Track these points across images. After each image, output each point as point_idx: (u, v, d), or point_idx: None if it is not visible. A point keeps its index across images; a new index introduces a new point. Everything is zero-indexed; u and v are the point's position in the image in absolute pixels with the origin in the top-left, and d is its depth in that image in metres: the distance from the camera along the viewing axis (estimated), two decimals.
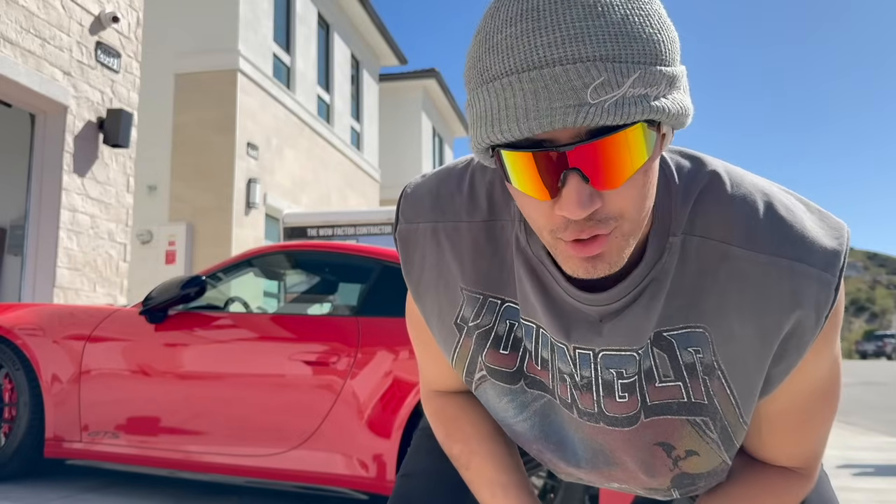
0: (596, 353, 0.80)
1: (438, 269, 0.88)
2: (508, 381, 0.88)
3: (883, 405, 11.25)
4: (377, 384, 3.07)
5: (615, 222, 0.67)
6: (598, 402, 0.83)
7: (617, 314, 0.78)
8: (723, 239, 0.76)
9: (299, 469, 3.14)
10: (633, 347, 0.79)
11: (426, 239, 0.87)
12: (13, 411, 3.61)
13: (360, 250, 3.63)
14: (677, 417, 0.81)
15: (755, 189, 0.78)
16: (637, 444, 0.84)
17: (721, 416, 0.81)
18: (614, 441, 0.85)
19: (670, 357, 0.79)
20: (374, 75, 16.52)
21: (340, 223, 8.38)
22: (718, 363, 0.78)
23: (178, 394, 3.34)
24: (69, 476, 3.78)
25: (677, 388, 0.80)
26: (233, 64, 10.14)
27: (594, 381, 0.82)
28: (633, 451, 0.85)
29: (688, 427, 0.82)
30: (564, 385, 0.84)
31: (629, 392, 0.82)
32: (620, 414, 0.83)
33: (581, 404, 0.85)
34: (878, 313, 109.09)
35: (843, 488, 4.44)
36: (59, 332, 3.62)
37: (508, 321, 0.86)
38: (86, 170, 6.48)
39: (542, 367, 0.86)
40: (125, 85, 7.03)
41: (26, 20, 5.82)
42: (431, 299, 0.90)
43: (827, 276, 0.74)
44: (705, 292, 0.77)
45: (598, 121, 0.60)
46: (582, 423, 0.86)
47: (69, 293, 6.22)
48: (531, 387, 0.87)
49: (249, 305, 3.93)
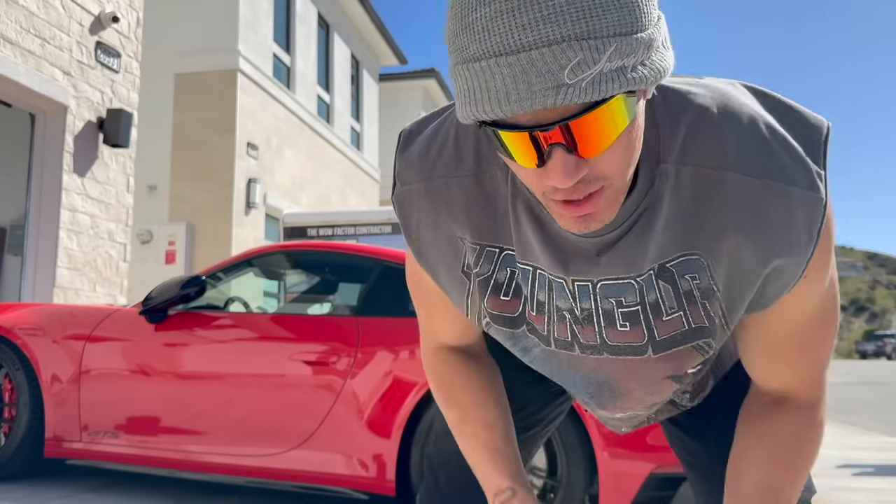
0: (594, 283, 0.82)
1: (435, 226, 0.90)
2: (511, 325, 0.90)
3: (883, 405, 11.25)
4: (377, 384, 3.07)
5: (603, 181, 0.70)
6: (599, 333, 0.86)
7: (613, 245, 0.80)
8: (717, 165, 0.77)
9: (299, 469, 3.14)
10: (630, 275, 0.81)
11: (420, 198, 0.89)
12: (13, 411, 3.61)
13: (360, 250, 3.63)
14: (683, 346, 0.85)
15: (743, 113, 0.79)
16: (647, 376, 0.88)
17: (718, 335, 0.85)
18: (619, 371, 0.88)
19: (673, 288, 0.81)
20: (374, 75, 16.52)
21: (340, 223, 8.38)
22: (717, 286, 0.81)
23: (178, 394, 3.34)
24: (69, 476, 3.78)
25: (679, 319, 0.83)
26: (233, 64, 10.14)
27: (595, 312, 0.84)
28: (643, 381, 0.89)
29: (694, 353, 0.85)
30: (563, 324, 0.87)
31: (631, 322, 0.84)
32: (624, 343, 0.85)
33: (582, 338, 0.87)
34: (878, 313, 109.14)
35: (843, 488, 4.44)
36: (59, 332, 3.62)
37: (508, 268, 0.88)
38: (86, 170, 6.48)
39: (537, 311, 0.88)
40: (125, 85, 7.03)
41: (26, 20, 5.82)
42: (434, 257, 0.92)
43: (814, 194, 0.76)
44: (700, 219, 0.79)
45: (575, 100, 0.62)
46: (584, 358, 0.89)
47: (69, 293, 6.22)
48: (532, 333, 0.90)
49: (249, 305, 3.93)
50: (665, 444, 2.79)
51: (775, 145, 0.77)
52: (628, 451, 2.73)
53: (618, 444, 2.73)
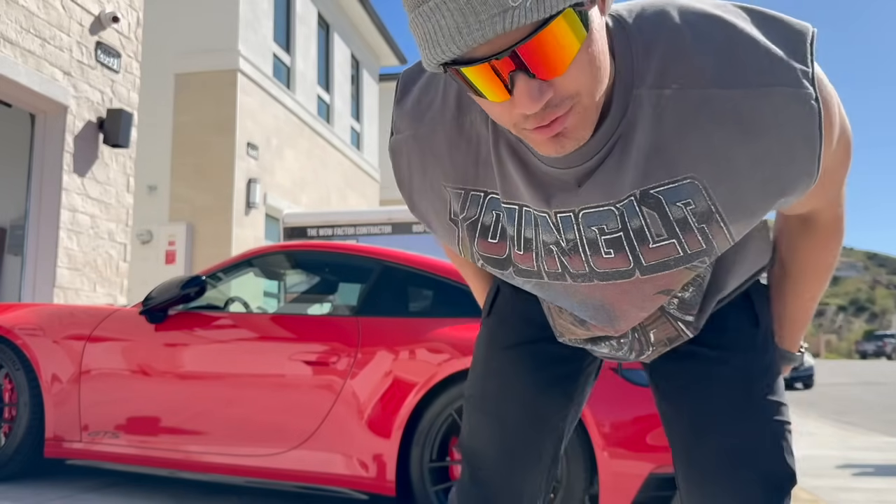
0: (577, 213, 0.84)
1: (423, 172, 0.94)
2: (499, 267, 0.95)
3: (883, 405, 11.25)
4: (377, 384, 3.07)
5: (571, 101, 0.71)
6: (587, 261, 0.88)
7: (591, 174, 0.81)
8: (696, 85, 0.77)
9: (299, 469, 3.14)
10: (609, 202, 0.82)
11: (409, 146, 0.94)
12: (13, 411, 3.61)
13: (360, 250, 3.63)
14: (676, 269, 0.86)
15: (717, 26, 0.78)
16: (637, 295, 0.90)
17: (717, 251, 0.85)
18: (612, 294, 0.91)
19: (660, 215, 0.81)
20: (374, 75, 16.52)
21: (340, 223, 8.38)
22: (716, 207, 0.80)
23: (179, 394, 3.34)
24: (69, 476, 3.78)
25: (672, 246, 0.83)
26: (233, 64, 10.14)
27: (579, 241, 0.86)
28: (634, 300, 0.91)
29: (685, 272, 0.87)
30: (552, 257, 0.90)
31: (615, 248, 0.85)
32: (611, 269, 0.87)
33: (572, 268, 0.90)
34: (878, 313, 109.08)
35: (843, 488, 4.44)
36: (59, 332, 3.62)
37: (494, 212, 0.91)
38: (86, 170, 6.48)
39: (525, 249, 0.90)
40: (125, 85, 7.03)
41: (26, 20, 5.82)
42: (424, 204, 0.97)
43: (802, 91, 0.75)
44: (688, 141, 0.78)
45: (523, 20, 0.62)
46: (577, 285, 0.92)
47: (69, 293, 6.22)
48: (518, 274, 0.94)
49: (249, 305, 3.93)
50: (665, 445, 2.79)
51: (756, 54, 0.76)
52: (628, 451, 2.73)
53: (618, 444, 2.73)
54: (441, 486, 2.96)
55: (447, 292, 3.28)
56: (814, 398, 13.01)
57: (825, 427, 8.26)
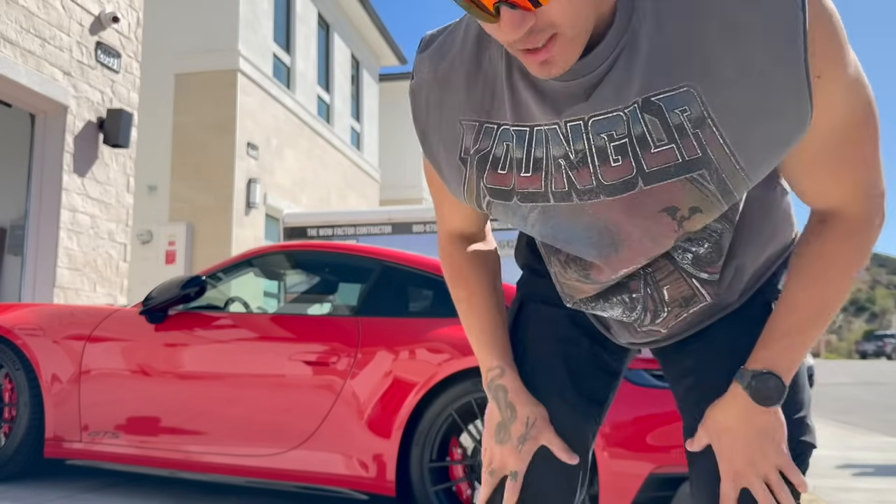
0: (586, 121, 0.85)
1: (440, 108, 0.97)
2: (504, 198, 0.95)
3: (883, 405, 11.25)
4: (377, 384, 3.07)
5: (550, 31, 0.74)
6: (594, 174, 0.87)
7: (599, 83, 0.83)
8: None
9: (299, 469, 3.14)
10: (618, 107, 0.83)
11: (429, 82, 0.97)
12: (13, 411, 3.61)
13: (360, 250, 3.63)
14: (676, 179, 0.84)
15: None
16: (642, 212, 0.88)
17: (716, 166, 0.83)
18: (617, 213, 0.89)
19: (661, 121, 0.83)
20: (374, 75, 16.52)
21: (340, 223, 8.39)
22: (708, 112, 0.81)
23: (179, 394, 3.34)
24: (69, 476, 3.78)
25: (671, 151, 0.83)
26: (233, 64, 10.14)
27: (588, 151, 0.87)
28: (638, 220, 0.88)
29: (688, 185, 0.84)
30: (560, 174, 0.89)
31: (622, 155, 0.85)
32: (618, 179, 0.87)
33: (579, 184, 0.89)
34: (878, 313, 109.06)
35: (843, 488, 4.44)
36: (59, 332, 3.62)
37: (505, 143, 0.92)
38: (86, 170, 6.48)
39: (534, 170, 0.91)
40: (125, 85, 7.04)
41: (26, 20, 5.82)
42: (436, 141, 0.99)
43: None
44: (684, 49, 0.80)
45: None
46: (582, 206, 0.90)
47: (69, 293, 6.22)
48: (523, 200, 0.93)
49: (249, 305, 3.93)
50: (665, 445, 2.79)
51: None
52: (628, 451, 2.73)
53: (618, 444, 2.73)
54: (441, 486, 2.96)
55: (447, 292, 3.28)
56: (814, 398, 12.99)
57: (825, 427, 8.27)
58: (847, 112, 0.84)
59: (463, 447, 3.01)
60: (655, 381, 2.85)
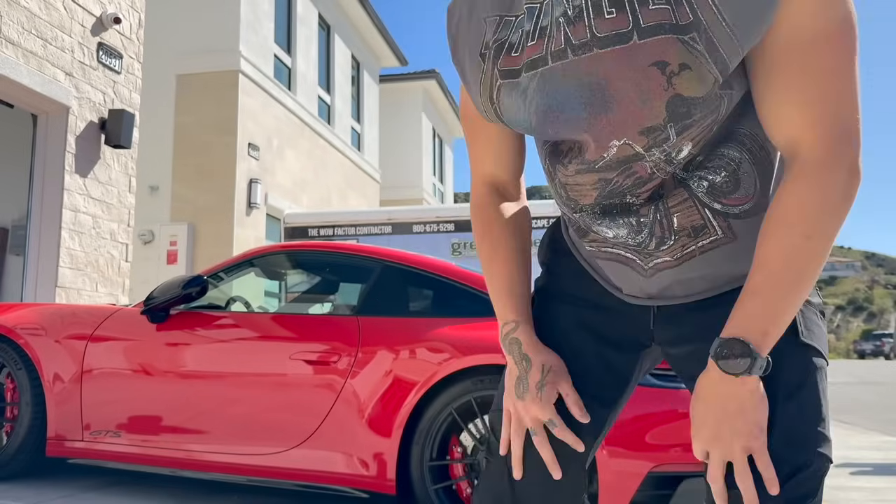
0: None
1: (469, 16, 1.06)
2: (513, 76, 0.99)
3: (881, 405, 11.26)
4: (378, 383, 3.08)
5: None
6: (589, 27, 0.91)
7: None
8: None
9: (300, 468, 3.15)
10: None
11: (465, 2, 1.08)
12: (15, 411, 3.62)
13: (361, 250, 3.65)
14: (669, 36, 0.85)
15: None
16: (632, 65, 0.88)
17: (706, 28, 0.85)
18: (608, 67, 0.90)
19: None
20: (374, 76, 16.53)
21: (341, 223, 8.40)
22: None
23: (180, 393, 3.36)
24: (71, 475, 3.79)
25: (667, 11, 0.86)
26: (234, 65, 10.16)
27: (584, 4, 0.91)
28: (628, 73, 0.88)
29: (678, 44, 0.85)
30: (559, 31, 0.94)
31: (617, 8, 0.89)
32: (611, 31, 0.89)
33: (574, 39, 0.92)
34: (877, 313, 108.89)
35: (842, 487, 4.46)
36: (61, 332, 3.63)
37: (521, 30, 0.99)
38: (88, 170, 6.50)
39: (538, 37, 0.96)
40: (127, 86, 7.05)
41: (28, 21, 5.84)
42: (463, 44, 1.07)
43: None
44: None
45: None
46: (577, 62, 0.92)
47: (71, 293, 6.24)
48: (527, 70, 0.97)
49: (251, 305, 3.95)
50: (664, 443, 2.80)
51: None
52: (627, 449, 2.74)
53: (617, 442, 2.74)
54: (441, 485, 2.98)
55: (447, 292, 3.30)
56: None
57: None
58: (815, 11, 0.84)
59: (463, 446, 3.03)
60: (655, 380, 2.87)
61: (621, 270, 1.06)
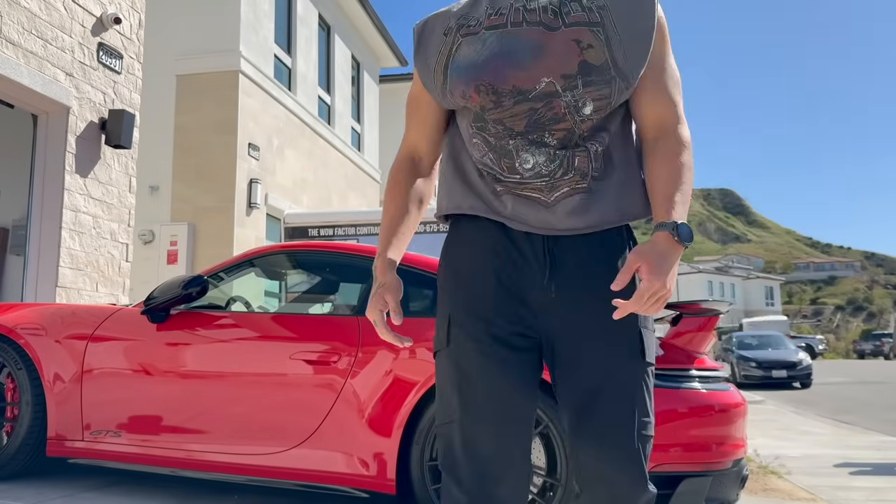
0: None
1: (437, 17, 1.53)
2: (474, 33, 1.44)
3: (881, 404, 11.26)
4: (378, 383, 3.09)
5: None
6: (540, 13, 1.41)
7: None
8: None
9: (300, 468, 3.16)
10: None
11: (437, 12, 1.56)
12: (15, 410, 3.63)
13: (361, 250, 3.65)
14: (584, 27, 1.39)
15: None
16: (561, 38, 1.38)
17: (606, 29, 1.39)
18: (547, 37, 1.39)
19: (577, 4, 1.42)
20: (374, 76, 16.54)
21: (341, 223, 8.41)
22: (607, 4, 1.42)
23: (180, 393, 3.36)
24: (71, 475, 3.80)
25: (583, 16, 1.40)
26: (234, 65, 10.16)
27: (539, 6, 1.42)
28: (558, 42, 1.38)
29: (589, 32, 1.38)
30: (517, 12, 1.42)
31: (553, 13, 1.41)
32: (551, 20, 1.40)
33: (529, 18, 1.41)
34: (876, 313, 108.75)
35: (842, 487, 4.46)
36: (61, 332, 3.64)
37: (477, 18, 1.46)
38: (88, 170, 6.51)
39: (498, 14, 1.44)
40: (127, 86, 7.06)
41: (28, 21, 5.84)
42: (429, 32, 1.52)
43: None
44: None
45: None
46: (528, 30, 1.40)
47: (71, 293, 6.24)
48: (488, 29, 1.43)
49: (251, 305, 3.95)
50: (663, 443, 2.81)
51: None
52: None
53: None
54: (441, 485, 2.98)
55: None
56: (812, 397, 13.03)
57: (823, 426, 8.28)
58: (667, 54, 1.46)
59: None
60: (654, 380, 2.87)
61: (527, 205, 1.41)
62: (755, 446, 5.92)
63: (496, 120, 1.39)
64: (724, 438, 2.90)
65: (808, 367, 16.34)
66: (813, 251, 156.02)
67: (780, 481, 4.57)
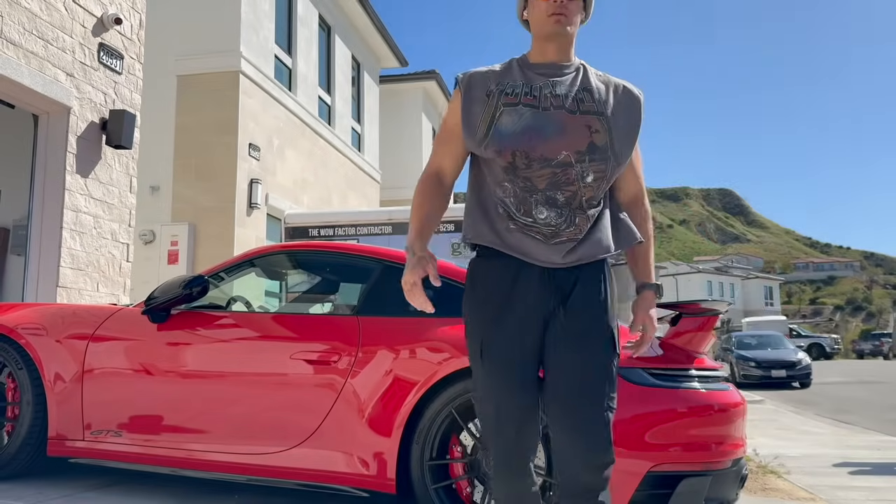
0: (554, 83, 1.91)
1: (484, 78, 1.92)
2: (513, 106, 1.85)
3: (880, 404, 11.27)
4: (378, 383, 3.10)
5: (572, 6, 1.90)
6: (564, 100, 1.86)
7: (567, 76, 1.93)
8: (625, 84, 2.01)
9: (300, 467, 3.16)
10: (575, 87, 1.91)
11: (477, 71, 1.95)
12: (16, 410, 3.63)
13: (361, 250, 3.66)
14: (594, 116, 1.85)
15: None
16: (577, 122, 1.83)
17: (608, 119, 1.87)
18: (567, 119, 1.83)
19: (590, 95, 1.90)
20: (374, 77, 16.54)
21: (341, 223, 8.41)
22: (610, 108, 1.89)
23: (181, 392, 3.37)
24: (71, 474, 3.81)
25: (594, 106, 1.86)
26: (234, 66, 10.17)
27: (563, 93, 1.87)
28: (576, 124, 1.83)
29: (597, 120, 1.85)
30: (546, 98, 1.85)
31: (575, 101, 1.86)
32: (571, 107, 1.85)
33: (555, 103, 1.85)
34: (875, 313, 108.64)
35: (841, 486, 4.47)
36: (62, 332, 3.65)
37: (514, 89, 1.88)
38: (89, 170, 6.52)
39: (532, 94, 1.86)
40: (128, 86, 7.07)
41: (29, 22, 5.85)
42: (474, 87, 1.91)
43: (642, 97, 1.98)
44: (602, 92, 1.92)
45: None
46: (556, 113, 1.83)
47: (72, 293, 6.25)
48: (525, 106, 1.85)
49: (251, 305, 3.96)
50: (663, 443, 2.82)
51: None
52: (626, 449, 2.76)
53: (616, 442, 2.75)
54: (441, 484, 2.99)
55: (447, 292, 3.31)
56: (811, 397, 13.04)
57: (823, 426, 8.29)
58: (638, 156, 2.00)
59: (463, 445, 3.04)
60: (654, 380, 2.88)
61: (533, 243, 1.83)
62: (754, 446, 5.93)
63: (525, 177, 1.82)
64: (724, 438, 2.91)
65: (808, 367, 16.35)
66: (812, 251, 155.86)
67: (780, 481, 4.58)
